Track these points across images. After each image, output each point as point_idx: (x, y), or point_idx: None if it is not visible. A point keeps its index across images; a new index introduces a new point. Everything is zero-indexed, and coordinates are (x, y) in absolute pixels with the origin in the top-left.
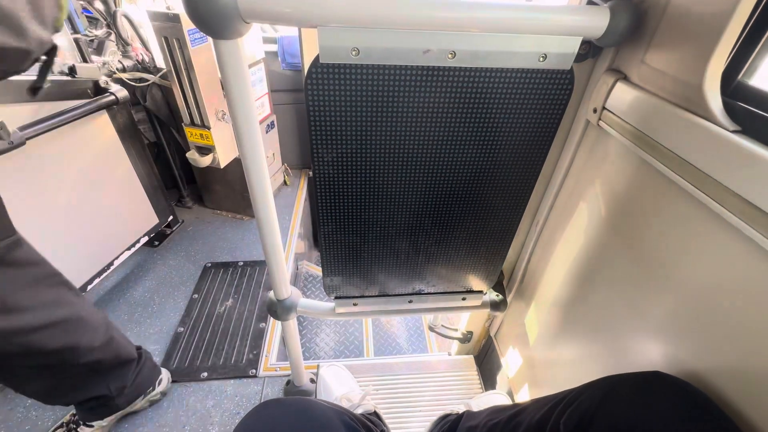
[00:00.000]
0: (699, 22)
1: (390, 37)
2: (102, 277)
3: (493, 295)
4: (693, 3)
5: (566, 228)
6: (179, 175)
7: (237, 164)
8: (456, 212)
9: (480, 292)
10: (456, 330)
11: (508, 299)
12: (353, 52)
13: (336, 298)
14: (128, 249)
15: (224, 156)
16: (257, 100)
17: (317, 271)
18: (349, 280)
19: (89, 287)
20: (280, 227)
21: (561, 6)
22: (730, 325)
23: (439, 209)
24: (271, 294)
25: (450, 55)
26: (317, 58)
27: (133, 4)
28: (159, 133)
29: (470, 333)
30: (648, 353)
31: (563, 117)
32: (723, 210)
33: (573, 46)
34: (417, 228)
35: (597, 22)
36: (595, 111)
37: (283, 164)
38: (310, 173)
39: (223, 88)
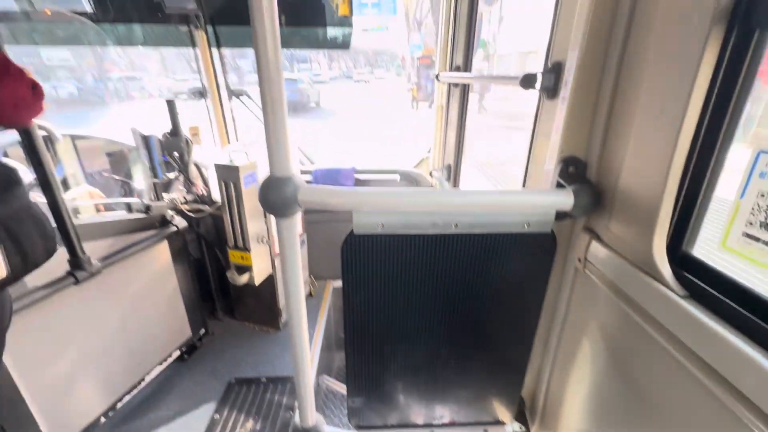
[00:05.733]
0: (640, 203)
1: (408, 216)
2: (132, 393)
3: (516, 426)
4: (633, 187)
5: (577, 358)
6: (215, 289)
7: (268, 281)
8: (469, 346)
9: (502, 423)
10: None
11: (532, 430)
12: (379, 227)
13: (358, 428)
14: (160, 364)
15: (259, 275)
16: None
17: (338, 387)
18: (371, 405)
19: (119, 405)
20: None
21: (537, 190)
22: None
23: (454, 344)
24: (296, 419)
25: (454, 226)
26: (352, 230)
27: (197, 144)
28: (204, 251)
29: None
30: None
31: (558, 263)
32: (685, 361)
33: (550, 216)
34: (435, 360)
35: (565, 200)
36: (579, 260)
37: (309, 276)
38: (335, 284)
39: (265, 216)
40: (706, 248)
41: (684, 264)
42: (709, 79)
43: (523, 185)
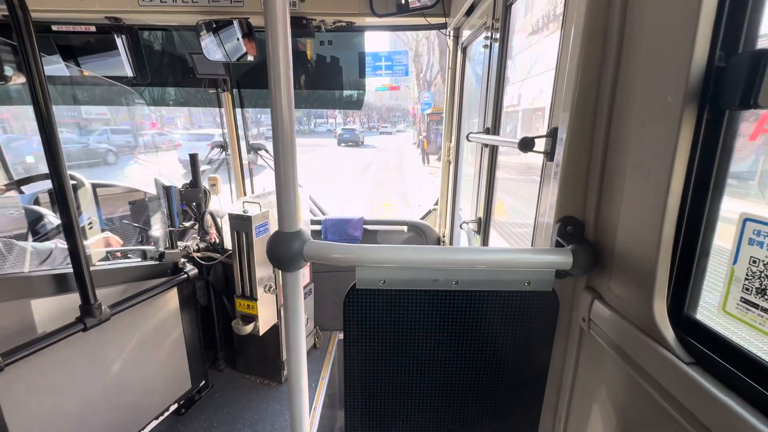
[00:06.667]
0: (637, 264)
1: (409, 272)
2: None
3: None
4: (629, 248)
5: (588, 428)
6: (219, 338)
7: (272, 331)
8: (475, 411)
9: None
10: None
11: None
12: (381, 282)
13: None
14: (156, 418)
15: (264, 324)
16: None
17: None
18: None
19: None
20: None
21: (536, 249)
22: None
23: (460, 407)
24: None
25: (454, 282)
26: (354, 285)
27: (215, 195)
28: (211, 299)
29: None
30: None
31: (563, 323)
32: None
33: (550, 274)
34: (441, 425)
35: (564, 259)
36: (584, 320)
37: (315, 327)
38: (340, 336)
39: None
40: (711, 310)
41: (688, 328)
42: (689, 151)
43: (532, 243)
